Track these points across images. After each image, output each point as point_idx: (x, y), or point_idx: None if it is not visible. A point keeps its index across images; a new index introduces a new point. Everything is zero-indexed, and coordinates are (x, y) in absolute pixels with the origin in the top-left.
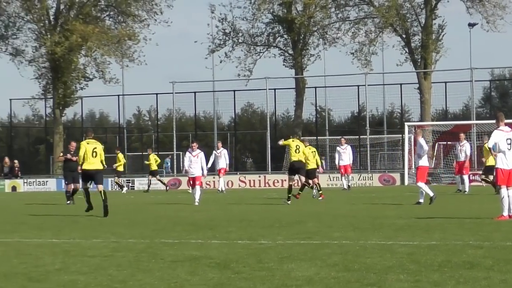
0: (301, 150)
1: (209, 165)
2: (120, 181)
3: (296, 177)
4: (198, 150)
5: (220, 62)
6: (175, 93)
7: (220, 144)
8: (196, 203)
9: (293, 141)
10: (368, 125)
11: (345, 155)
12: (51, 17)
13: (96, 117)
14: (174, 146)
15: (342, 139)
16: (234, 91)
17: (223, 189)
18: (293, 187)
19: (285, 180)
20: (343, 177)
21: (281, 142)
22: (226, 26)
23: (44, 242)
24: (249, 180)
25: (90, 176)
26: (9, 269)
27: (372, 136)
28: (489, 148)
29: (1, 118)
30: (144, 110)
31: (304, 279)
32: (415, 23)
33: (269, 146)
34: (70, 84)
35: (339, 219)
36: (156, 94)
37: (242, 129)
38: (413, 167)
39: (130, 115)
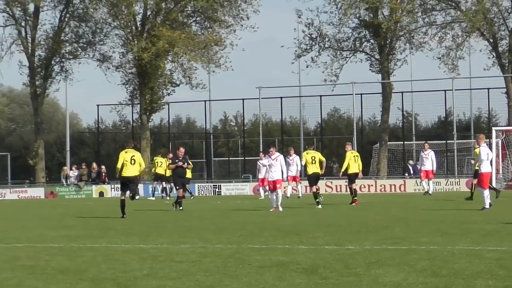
0: (317, 160)
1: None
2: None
3: (317, 185)
4: (277, 154)
5: (307, 67)
6: (262, 98)
7: (292, 151)
8: (280, 209)
9: (307, 153)
10: (455, 130)
11: (427, 160)
12: (138, 23)
13: (182, 123)
14: (261, 151)
15: (426, 144)
16: (321, 96)
17: (288, 195)
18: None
19: (371, 185)
20: (429, 182)
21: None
22: (312, 31)
23: (131, 248)
24: (336, 185)
25: (127, 182)
26: (97, 274)
27: (459, 140)
28: None
29: (88, 124)
30: (230, 116)
31: (392, 285)
32: (503, 27)
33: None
34: (157, 89)
35: (426, 224)
36: (243, 99)
37: (328, 134)
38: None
39: (216, 121)
